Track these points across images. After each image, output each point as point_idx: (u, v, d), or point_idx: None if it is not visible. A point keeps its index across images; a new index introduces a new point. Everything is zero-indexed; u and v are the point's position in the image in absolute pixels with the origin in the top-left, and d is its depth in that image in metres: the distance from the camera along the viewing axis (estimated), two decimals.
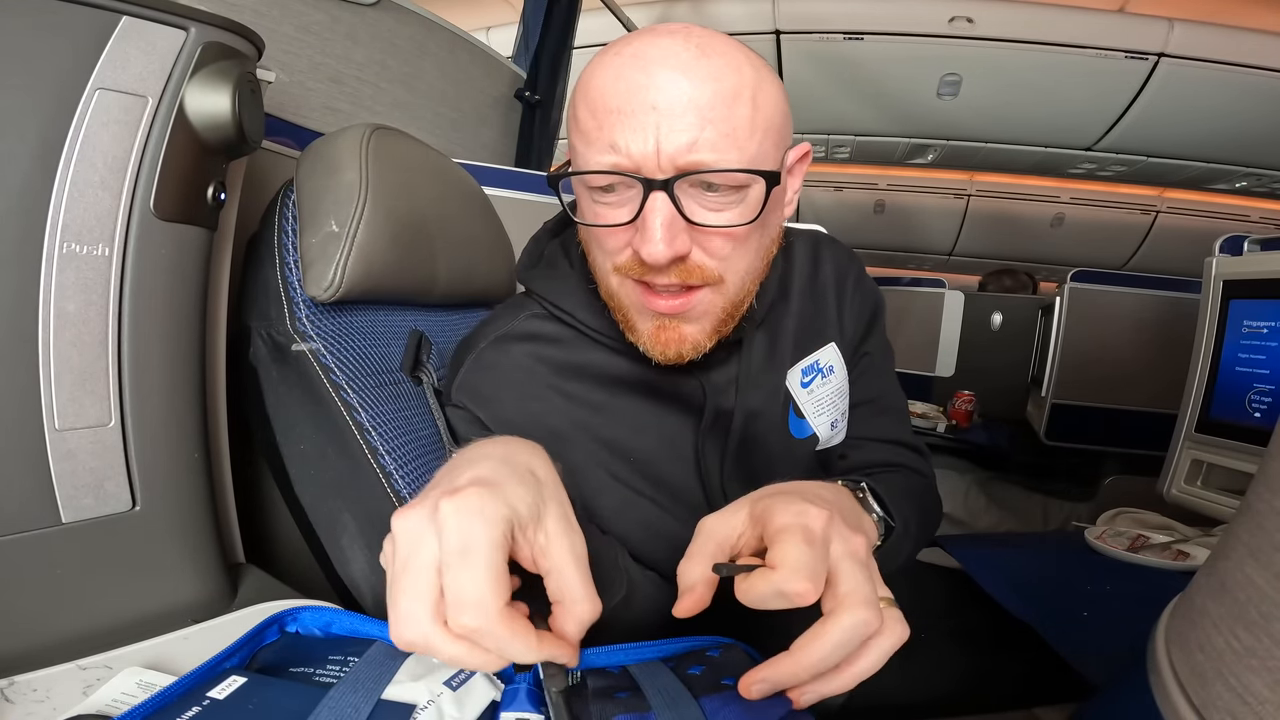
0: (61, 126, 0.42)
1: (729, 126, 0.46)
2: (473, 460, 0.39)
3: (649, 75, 0.46)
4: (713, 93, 0.46)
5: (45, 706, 0.40)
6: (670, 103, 0.45)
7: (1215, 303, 1.39)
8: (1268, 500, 0.40)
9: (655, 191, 0.46)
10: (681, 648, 0.47)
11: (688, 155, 0.46)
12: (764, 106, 0.49)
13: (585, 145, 0.49)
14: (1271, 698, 0.35)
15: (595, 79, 0.48)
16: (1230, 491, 1.30)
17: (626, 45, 0.48)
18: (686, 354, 0.54)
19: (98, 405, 0.46)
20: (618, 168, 0.47)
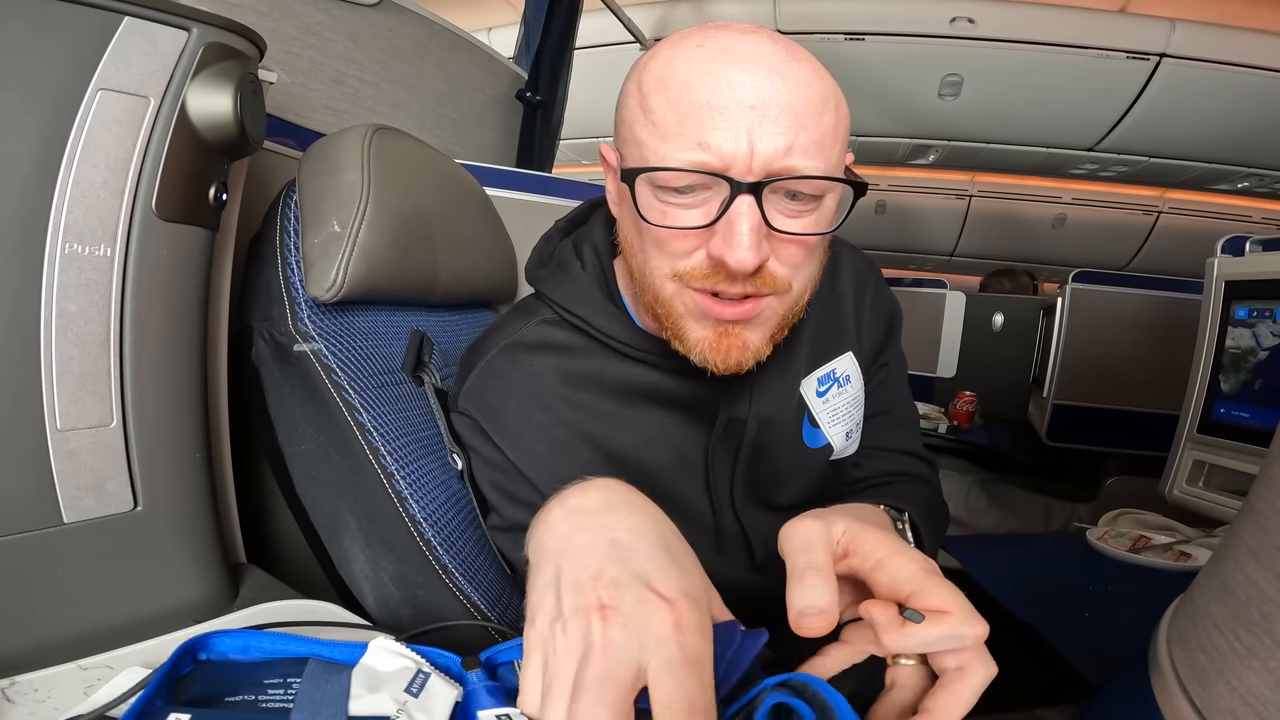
0: (63, 127, 0.42)
1: (819, 134, 0.45)
2: (639, 548, 0.35)
3: (745, 72, 0.44)
4: (805, 98, 0.45)
5: (46, 706, 0.40)
6: (767, 103, 0.43)
7: (1217, 303, 1.39)
8: (1269, 501, 0.40)
9: (743, 195, 0.44)
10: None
11: (783, 160, 0.44)
12: (842, 118, 0.48)
13: (661, 140, 0.45)
14: (1273, 698, 0.35)
15: (676, 70, 0.45)
16: (1232, 492, 1.30)
17: (710, 38, 0.46)
18: (747, 362, 0.51)
19: (99, 405, 0.46)
20: (705, 167, 0.44)
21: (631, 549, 0.34)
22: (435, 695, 0.37)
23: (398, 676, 0.39)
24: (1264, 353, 1.30)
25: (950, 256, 3.97)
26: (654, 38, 2.35)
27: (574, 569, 0.34)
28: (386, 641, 0.41)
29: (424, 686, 0.38)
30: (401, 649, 0.41)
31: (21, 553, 0.44)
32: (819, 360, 0.65)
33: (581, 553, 0.34)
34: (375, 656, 0.40)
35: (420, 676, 0.39)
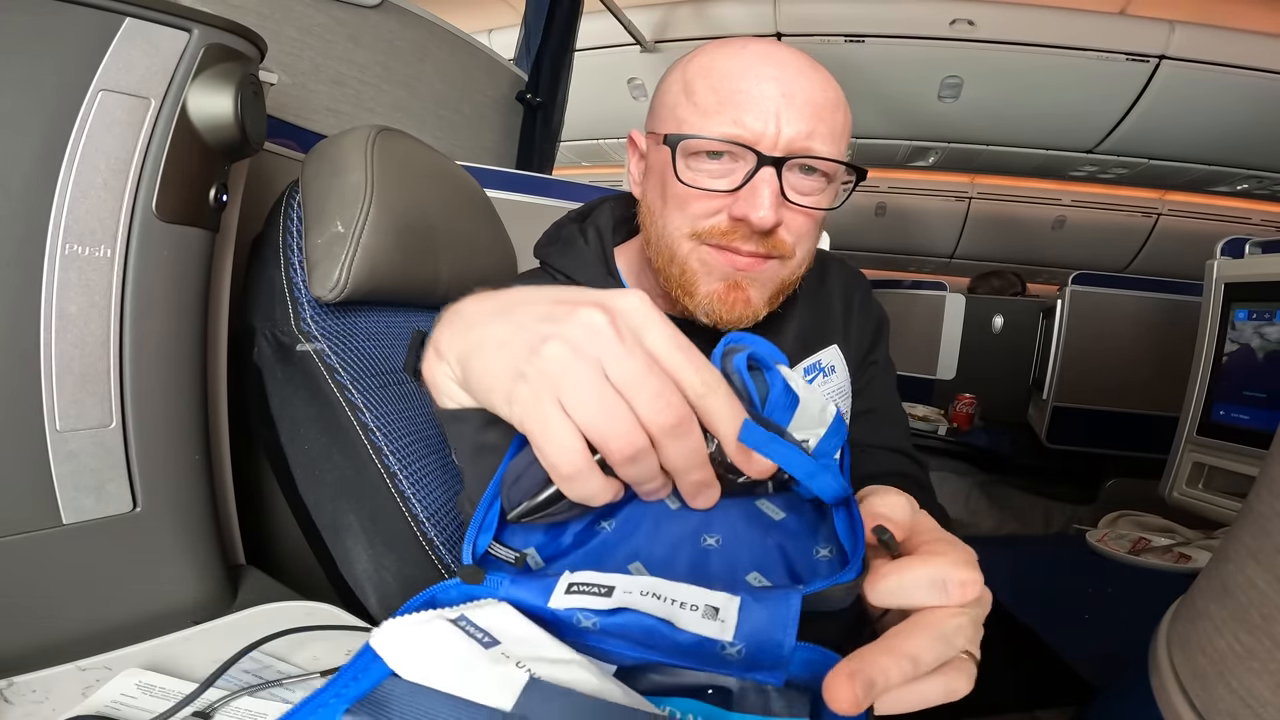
0: (64, 128, 0.42)
1: (832, 127, 0.55)
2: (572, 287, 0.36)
3: (778, 69, 0.54)
4: (824, 98, 0.55)
5: (45, 707, 0.40)
6: (793, 95, 0.53)
7: (1217, 305, 1.39)
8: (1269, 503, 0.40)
9: (767, 166, 0.53)
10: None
11: (803, 141, 0.53)
12: (848, 121, 0.58)
13: (700, 116, 0.54)
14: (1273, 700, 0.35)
15: (720, 63, 0.55)
16: (1232, 494, 1.30)
17: (749, 44, 0.56)
18: (747, 318, 0.58)
19: (99, 406, 0.46)
20: (739, 139, 0.53)
21: (565, 288, 0.36)
22: (491, 621, 0.31)
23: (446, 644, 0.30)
24: (1264, 355, 1.30)
25: (950, 259, 3.97)
26: (654, 39, 2.35)
27: (522, 316, 0.33)
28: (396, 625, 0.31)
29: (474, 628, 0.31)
30: (418, 622, 0.31)
31: (21, 553, 0.44)
32: (806, 353, 0.68)
33: (520, 304, 0.34)
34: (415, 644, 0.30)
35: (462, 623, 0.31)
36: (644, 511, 0.36)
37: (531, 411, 0.31)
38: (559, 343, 0.30)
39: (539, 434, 0.30)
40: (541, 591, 0.32)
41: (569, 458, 0.30)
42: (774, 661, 0.29)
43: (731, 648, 0.29)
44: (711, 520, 0.35)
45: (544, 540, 0.37)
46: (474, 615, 0.31)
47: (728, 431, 0.31)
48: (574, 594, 0.31)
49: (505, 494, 0.34)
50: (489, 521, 0.36)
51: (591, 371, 0.30)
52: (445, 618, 0.30)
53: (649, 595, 0.30)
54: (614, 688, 0.29)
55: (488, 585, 0.34)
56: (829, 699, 0.25)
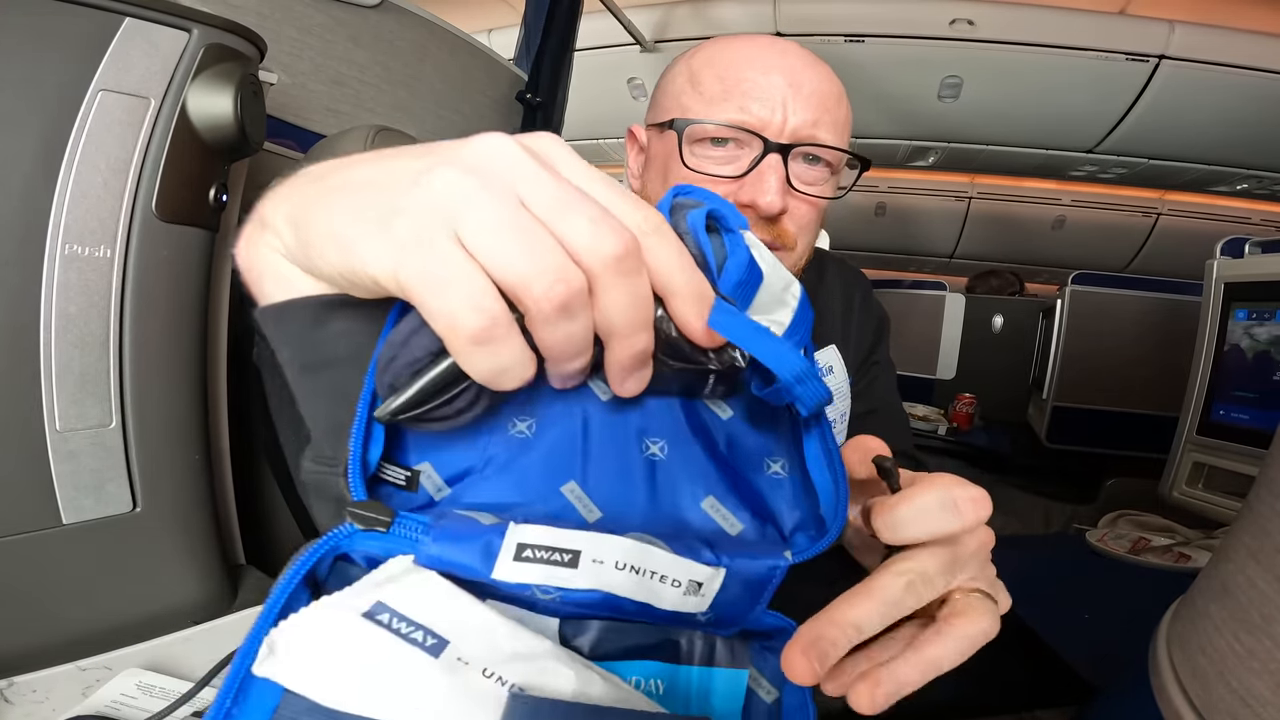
0: (64, 128, 0.42)
1: (836, 118, 0.56)
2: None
3: (785, 60, 0.54)
4: (828, 90, 0.55)
5: (45, 707, 0.40)
6: (800, 85, 0.54)
7: (1216, 305, 1.39)
8: (1269, 503, 0.40)
9: (774, 153, 0.53)
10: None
11: (809, 130, 0.54)
12: (849, 115, 0.59)
13: (706, 105, 0.54)
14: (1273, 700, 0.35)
15: (726, 54, 0.56)
16: (1232, 494, 1.30)
17: (753, 37, 0.56)
18: None
19: (99, 406, 0.46)
20: (746, 125, 0.53)
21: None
22: (425, 606, 0.23)
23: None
24: (1264, 354, 1.30)
25: (950, 258, 3.97)
26: (654, 39, 2.35)
27: (396, 157, 0.25)
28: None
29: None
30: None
31: (21, 553, 0.44)
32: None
33: (394, 153, 0.25)
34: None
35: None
36: (568, 405, 0.28)
37: (416, 254, 0.21)
38: (453, 168, 0.22)
39: (429, 283, 0.21)
40: (479, 554, 0.24)
41: (476, 305, 0.21)
42: (733, 624, 0.27)
43: (702, 617, 0.26)
44: (650, 418, 0.28)
45: (443, 452, 0.27)
46: (397, 600, 0.22)
47: (678, 283, 0.23)
48: (526, 562, 0.24)
49: (378, 376, 0.24)
50: (377, 428, 0.26)
51: (502, 197, 0.21)
52: (357, 610, 0.21)
53: (626, 569, 0.24)
54: (593, 678, 0.23)
55: (396, 535, 0.24)
56: (788, 668, 0.24)
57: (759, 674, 0.28)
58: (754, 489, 0.29)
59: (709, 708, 0.27)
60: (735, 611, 0.26)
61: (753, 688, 0.28)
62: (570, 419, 0.28)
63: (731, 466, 0.29)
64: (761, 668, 0.28)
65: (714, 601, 0.26)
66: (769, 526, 0.29)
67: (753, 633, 0.28)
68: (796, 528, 0.28)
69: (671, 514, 0.28)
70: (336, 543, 0.25)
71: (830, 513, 0.27)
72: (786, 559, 0.26)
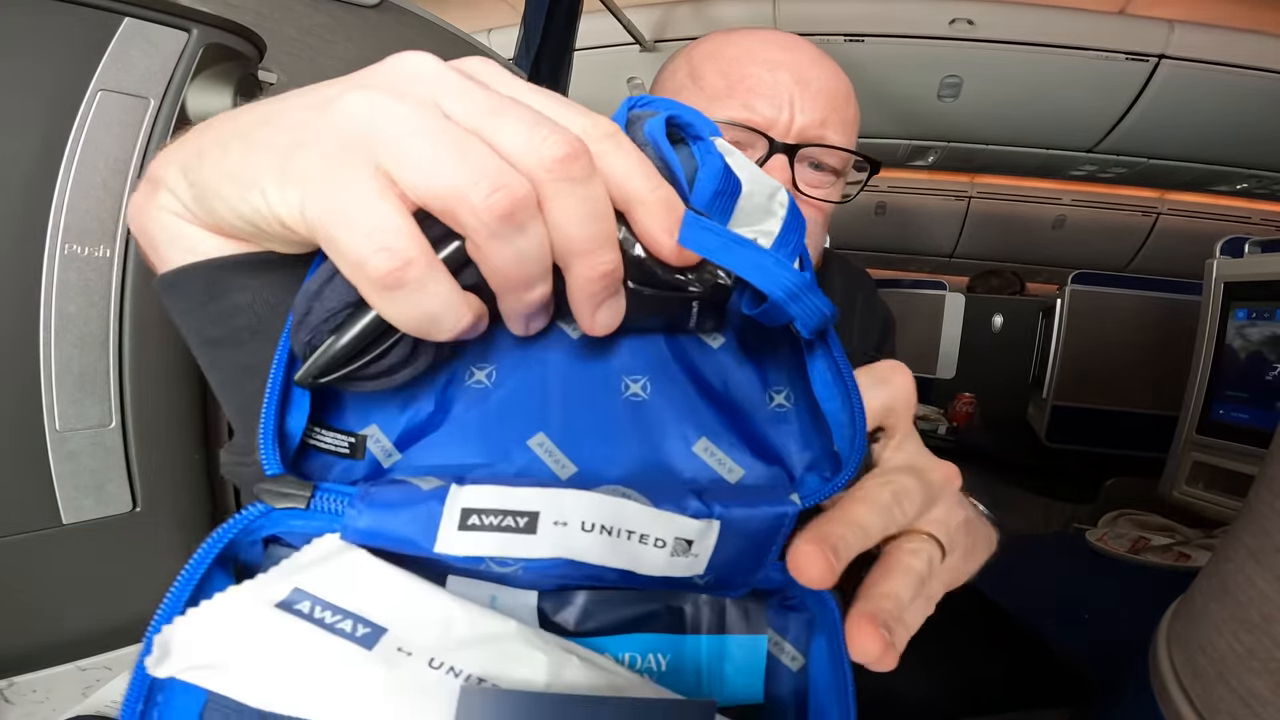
0: (63, 128, 0.42)
1: (844, 118, 0.53)
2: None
3: (792, 55, 0.51)
4: (836, 88, 0.52)
5: (45, 707, 0.40)
6: (807, 82, 0.50)
7: (1216, 304, 1.39)
8: (1269, 502, 0.40)
9: (779, 154, 0.49)
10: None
11: (817, 129, 0.50)
12: (857, 115, 0.56)
13: (708, 102, 0.51)
14: (1273, 699, 0.35)
15: (729, 48, 0.52)
16: (1232, 493, 1.30)
17: (756, 30, 0.53)
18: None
19: (99, 406, 0.46)
20: (750, 124, 0.49)
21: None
22: (353, 590, 0.20)
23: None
24: (1264, 353, 1.30)
25: (950, 258, 3.97)
26: (654, 39, 2.35)
27: (299, 93, 0.21)
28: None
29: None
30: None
31: (20, 553, 0.44)
32: None
33: (280, 98, 0.22)
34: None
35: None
36: (534, 349, 0.24)
37: (323, 186, 0.18)
38: (364, 90, 0.19)
39: (334, 219, 0.18)
40: (418, 524, 0.20)
41: (382, 243, 0.17)
42: (739, 585, 0.23)
43: (700, 580, 0.22)
44: (629, 355, 0.25)
45: (391, 412, 0.23)
46: (319, 585, 0.19)
47: (639, 191, 0.20)
48: (474, 530, 0.20)
49: (293, 335, 0.21)
50: (299, 393, 0.22)
51: (422, 110, 0.19)
52: (270, 600, 0.18)
53: (596, 531, 0.20)
54: (570, 661, 0.20)
55: (320, 511, 0.21)
56: (798, 568, 0.21)
57: (780, 637, 0.24)
58: (755, 427, 0.25)
59: (724, 682, 0.23)
60: (738, 572, 0.22)
61: (774, 654, 0.24)
62: (536, 364, 0.24)
63: (727, 402, 0.25)
64: (783, 630, 0.24)
65: (710, 562, 0.22)
66: (776, 468, 0.24)
67: (769, 590, 0.24)
68: (809, 468, 0.25)
69: (659, 463, 0.24)
70: (247, 524, 0.20)
71: (845, 445, 0.23)
72: (795, 504, 0.22)
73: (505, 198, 0.18)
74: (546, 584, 0.22)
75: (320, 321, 0.20)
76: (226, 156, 0.21)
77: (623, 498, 0.21)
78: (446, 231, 0.19)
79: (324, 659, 0.17)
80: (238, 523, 0.20)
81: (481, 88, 0.20)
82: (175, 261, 0.25)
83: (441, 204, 0.18)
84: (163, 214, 0.24)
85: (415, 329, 0.19)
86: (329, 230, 0.18)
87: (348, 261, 0.18)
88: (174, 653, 0.17)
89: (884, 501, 0.25)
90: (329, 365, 0.20)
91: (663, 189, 0.21)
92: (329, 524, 0.21)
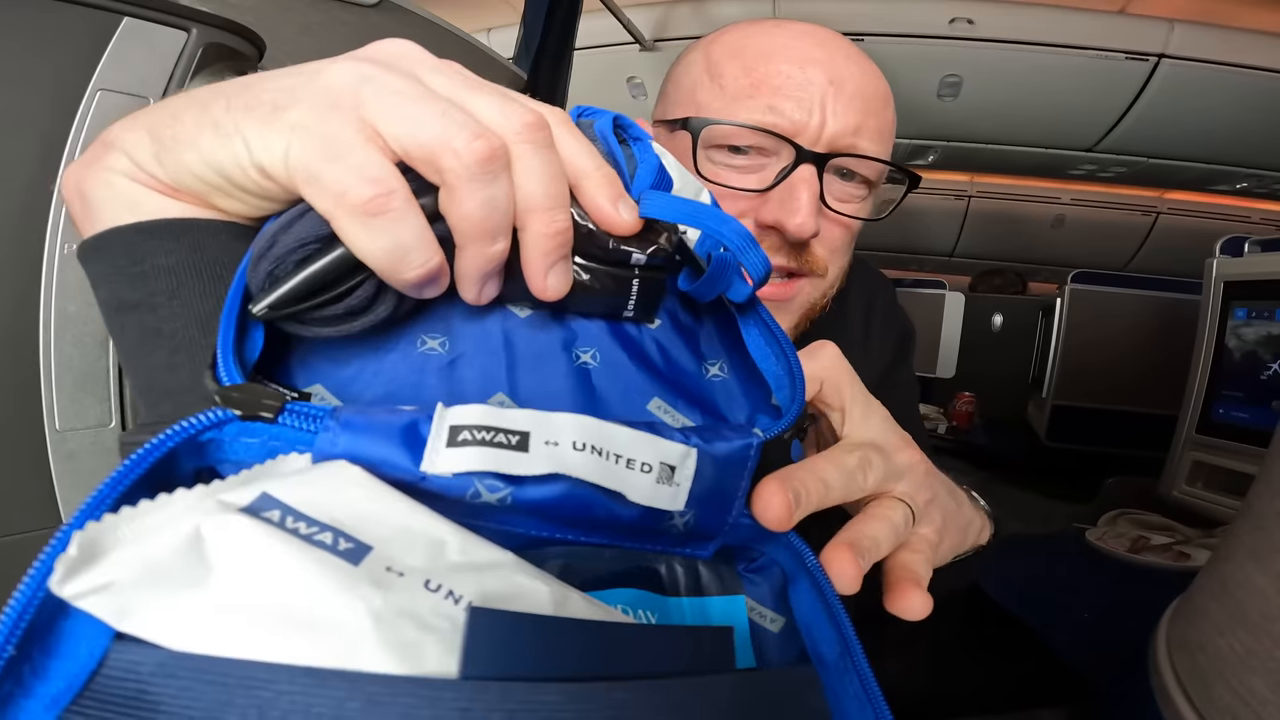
0: (63, 127, 0.42)
1: (882, 123, 0.47)
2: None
3: (825, 52, 0.45)
4: (874, 90, 0.47)
5: None
6: (842, 83, 0.45)
7: (1216, 304, 1.39)
8: (1269, 502, 0.40)
9: (808, 164, 0.44)
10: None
11: (851, 137, 0.45)
12: (894, 122, 0.50)
13: (728, 102, 0.45)
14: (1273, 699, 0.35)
15: (754, 41, 0.46)
16: (1231, 493, 1.30)
17: (785, 23, 0.47)
18: None
19: (98, 406, 0.46)
20: (775, 128, 0.44)
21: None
22: (333, 501, 0.17)
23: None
24: (1264, 352, 1.30)
25: (950, 257, 3.97)
26: (654, 38, 2.35)
27: (279, 71, 0.22)
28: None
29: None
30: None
31: (21, 553, 0.44)
32: None
33: (260, 75, 0.23)
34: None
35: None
36: (485, 322, 0.25)
37: (310, 132, 0.19)
38: (350, 61, 0.21)
39: (319, 156, 0.19)
40: (401, 442, 0.19)
41: (367, 175, 0.19)
42: (714, 530, 0.24)
43: (680, 518, 0.22)
44: (577, 331, 0.26)
45: (339, 371, 0.23)
46: (291, 494, 0.16)
47: (588, 167, 0.23)
48: (466, 446, 0.19)
49: (253, 267, 0.20)
50: (254, 334, 0.21)
51: (405, 76, 0.21)
52: (233, 505, 0.15)
53: (587, 450, 0.20)
54: (572, 595, 0.18)
55: (287, 428, 0.18)
56: (762, 504, 0.23)
57: (756, 603, 0.25)
58: (699, 391, 0.27)
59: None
60: (714, 510, 0.23)
61: (754, 620, 0.25)
62: (489, 335, 0.25)
63: (668, 374, 0.27)
64: (758, 595, 0.25)
65: (691, 493, 0.22)
66: (720, 423, 0.26)
67: (734, 552, 0.26)
68: (750, 420, 0.27)
69: (617, 417, 0.24)
70: (195, 432, 0.17)
71: (786, 396, 0.26)
72: (757, 436, 0.23)
73: (485, 145, 0.20)
74: (529, 528, 0.21)
75: (286, 252, 0.20)
76: (207, 111, 0.22)
77: (608, 423, 0.21)
78: (419, 189, 0.21)
79: (298, 577, 0.13)
80: (188, 428, 0.17)
81: (455, 68, 0.23)
82: (109, 223, 0.24)
83: (425, 151, 0.20)
84: (108, 174, 0.24)
85: (385, 262, 0.20)
86: (313, 168, 0.19)
87: (329, 193, 0.19)
88: (100, 561, 0.13)
89: (849, 465, 0.27)
90: (289, 297, 0.20)
91: (606, 167, 0.23)
92: (292, 446, 0.19)
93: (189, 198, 0.23)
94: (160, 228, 0.24)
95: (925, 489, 0.32)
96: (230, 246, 0.24)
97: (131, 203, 0.24)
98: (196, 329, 0.24)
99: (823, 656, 0.24)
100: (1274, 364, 1.27)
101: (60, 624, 0.13)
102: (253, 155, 0.20)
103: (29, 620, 0.13)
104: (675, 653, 0.17)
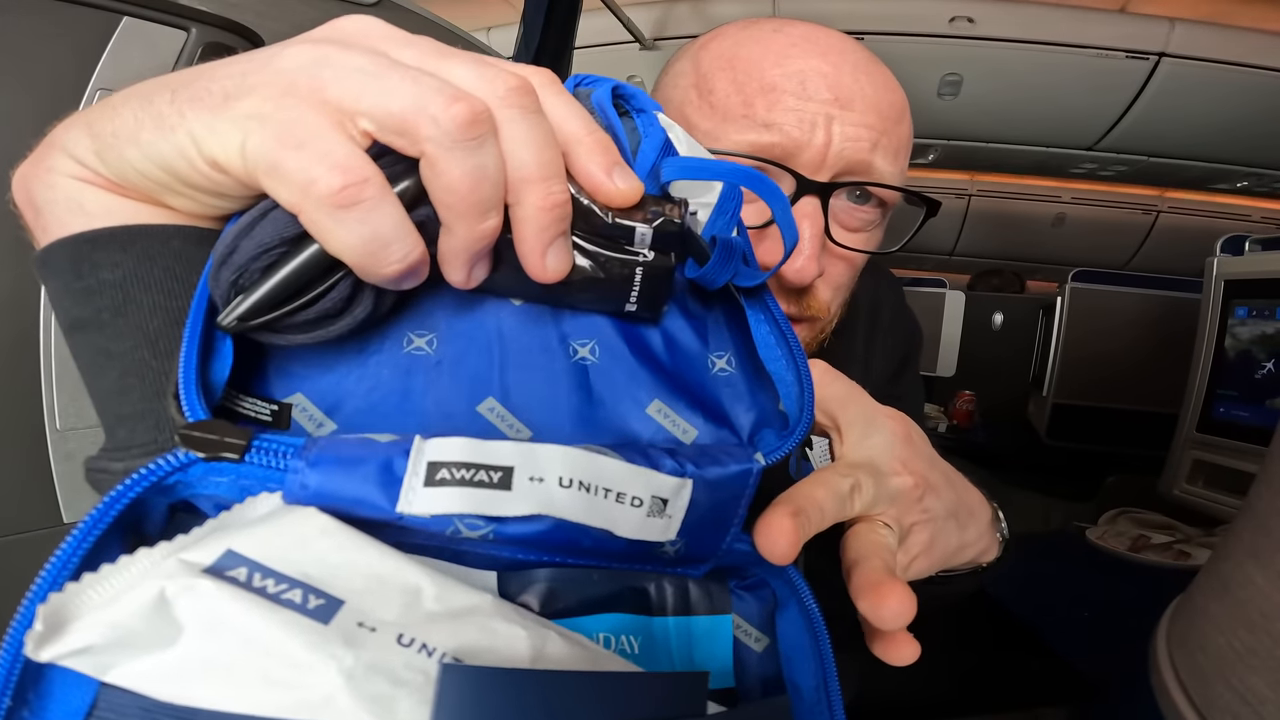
0: None
1: (898, 142, 0.41)
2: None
3: (828, 63, 0.38)
4: (889, 102, 0.40)
5: None
6: (851, 97, 0.38)
7: (1216, 302, 1.39)
8: (1269, 500, 0.40)
9: (810, 195, 0.38)
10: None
11: (861, 157, 0.39)
12: (911, 136, 0.44)
13: (718, 122, 0.40)
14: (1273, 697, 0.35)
15: (747, 50, 0.40)
16: (1232, 491, 1.30)
17: (787, 25, 0.40)
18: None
19: None
20: (769, 152, 0.38)
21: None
22: (299, 555, 0.17)
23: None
24: (1264, 351, 1.30)
25: (950, 255, 3.96)
26: (653, 37, 2.35)
27: (232, 59, 0.20)
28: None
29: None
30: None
31: (21, 553, 0.44)
32: None
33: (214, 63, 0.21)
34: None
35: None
36: (476, 315, 0.23)
37: (268, 121, 0.17)
38: (306, 44, 0.19)
39: (280, 146, 0.17)
40: (377, 481, 0.18)
41: (336, 162, 0.17)
42: (707, 555, 0.23)
43: (670, 547, 0.21)
44: (574, 322, 0.24)
45: (320, 378, 0.21)
46: (257, 548, 0.16)
47: (579, 132, 0.20)
48: (444, 486, 0.18)
49: (214, 277, 0.19)
50: (221, 340, 0.20)
51: (372, 55, 0.19)
52: (196, 565, 0.15)
53: (574, 486, 0.19)
54: (550, 637, 0.18)
55: (256, 466, 0.18)
56: (769, 538, 0.22)
57: (743, 620, 0.24)
58: (701, 390, 0.25)
59: (693, 666, 0.23)
60: (708, 537, 0.22)
61: (739, 637, 0.24)
62: (480, 330, 0.23)
63: (672, 368, 0.25)
64: (746, 613, 0.24)
65: (684, 523, 0.21)
66: (725, 430, 0.25)
67: (727, 570, 0.24)
68: (755, 427, 0.25)
69: (615, 424, 0.23)
70: (161, 476, 0.17)
71: (794, 405, 0.24)
72: (758, 462, 0.22)
73: (466, 107, 0.17)
74: (515, 557, 0.20)
75: (250, 258, 0.18)
76: (150, 104, 0.19)
77: (597, 453, 0.20)
78: (396, 173, 0.19)
79: (268, 638, 0.14)
80: (150, 474, 0.17)
81: (425, 40, 0.20)
82: (57, 229, 0.23)
83: (398, 121, 0.17)
84: (51, 174, 0.22)
85: (361, 257, 0.18)
86: (274, 158, 0.17)
87: (294, 185, 0.17)
88: (69, 629, 0.13)
89: (842, 491, 0.26)
90: (259, 306, 0.18)
91: (599, 132, 0.21)
92: (263, 484, 0.18)
93: (138, 195, 0.21)
94: (105, 237, 0.22)
95: (915, 513, 0.31)
96: (185, 254, 0.22)
97: (76, 204, 0.22)
98: (146, 349, 0.22)
99: (799, 686, 0.24)
100: (1274, 362, 1.27)
101: (50, 672, 0.14)
102: (201, 148, 0.18)
103: (19, 671, 0.14)
104: (650, 700, 0.17)
